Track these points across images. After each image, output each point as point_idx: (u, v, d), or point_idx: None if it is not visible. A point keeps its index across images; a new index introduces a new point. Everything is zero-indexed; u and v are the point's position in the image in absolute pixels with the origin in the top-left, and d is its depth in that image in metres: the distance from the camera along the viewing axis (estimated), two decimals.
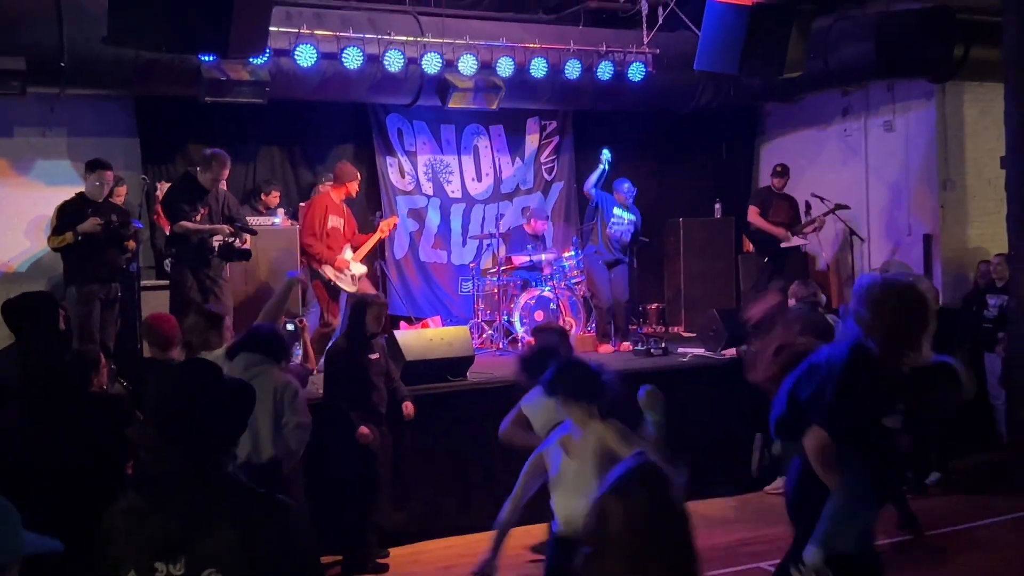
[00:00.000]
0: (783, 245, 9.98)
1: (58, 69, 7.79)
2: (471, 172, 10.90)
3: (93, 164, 7.59)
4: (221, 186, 8.06)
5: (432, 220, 10.63)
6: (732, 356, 8.69)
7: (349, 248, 8.88)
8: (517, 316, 9.51)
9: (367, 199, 10.06)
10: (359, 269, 8.92)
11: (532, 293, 9.59)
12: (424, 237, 10.64)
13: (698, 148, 11.64)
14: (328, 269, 8.69)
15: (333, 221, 8.77)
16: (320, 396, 6.68)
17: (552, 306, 9.68)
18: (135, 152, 9.25)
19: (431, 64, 8.97)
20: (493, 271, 9.95)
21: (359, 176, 9.08)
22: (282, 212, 9.37)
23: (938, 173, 9.95)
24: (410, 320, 9.58)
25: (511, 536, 4.25)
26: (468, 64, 9.08)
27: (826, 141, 11.10)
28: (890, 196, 10.41)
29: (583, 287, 10.04)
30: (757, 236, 10.28)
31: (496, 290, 9.78)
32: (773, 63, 7.70)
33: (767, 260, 10.15)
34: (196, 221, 7.74)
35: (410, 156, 10.57)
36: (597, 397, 4.28)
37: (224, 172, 7.95)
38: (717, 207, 11.45)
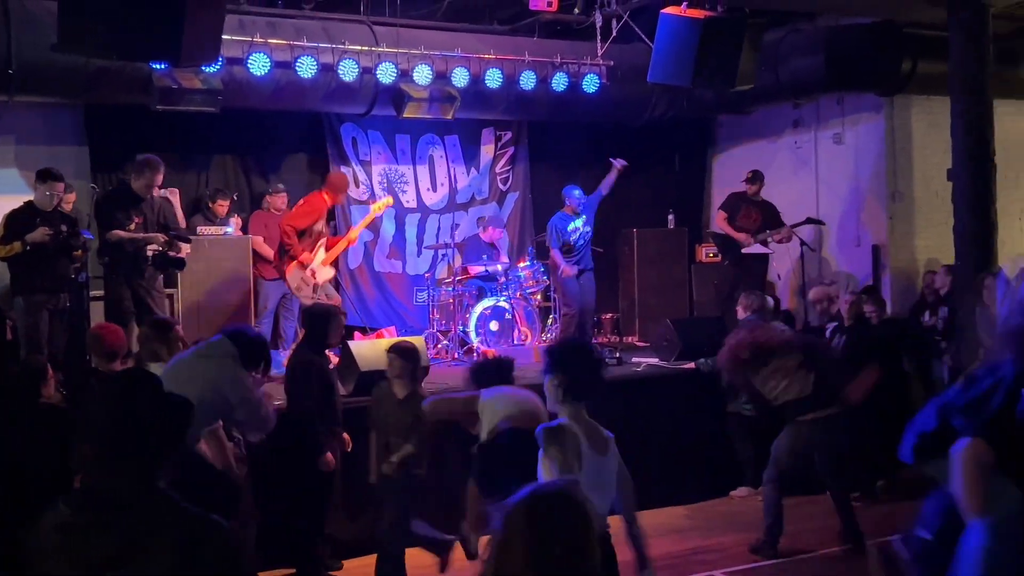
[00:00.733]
0: (744, 251, 10.08)
1: (6, 76, 7.67)
2: (426, 182, 10.89)
3: (44, 174, 7.44)
4: (156, 194, 7.93)
5: (387, 230, 10.60)
6: (686, 367, 8.74)
7: (322, 250, 8.87)
8: (473, 326, 9.51)
9: None
10: (325, 274, 8.88)
11: (488, 303, 9.60)
12: (379, 247, 10.62)
13: (652, 159, 11.72)
14: (292, 279, 8.64)
15: (319, 225, 8.80)
16: (281, 405, 6.60)
17: (507, 316, 9.70)
18: (84, 160, 9.13)
19: (386, 74, 8.96)
20: (448, 281, 9.94)
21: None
22: (235, 221, 9.30)
23: (887, 185, 10.12)
24: (364, 330, 9.53)
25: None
26: (423, 74, 9.08)
27: (777, 153, 11.24)
28: (840, 207, 10.57)
29: (539, 297, 10.06)
30: (719, 241, 10.38)
31: (451, 300, 9.77)
32: (725, 75, 7.77)
33: (727, 264, 10.23)
34: (130, 230, 7.65)
35: (364, 165, 10.55)
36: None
37: (157, 178, 7.76)
38: (671, 218, 11.54)
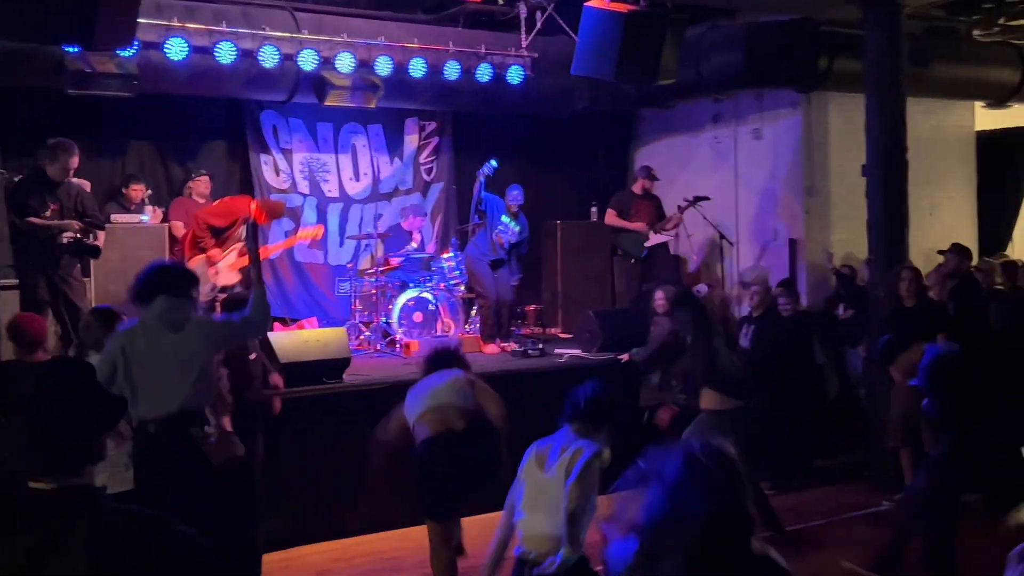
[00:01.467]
0: (647, 244, 10.20)
1: None
2: (349, 171, 10.78)
3: None
4: (73, 180, 7.74)
5: (308, 220, 10.45)
6: (608, 357, 8.82)
7: (234, 254, 8.70)
8: (396, 317, 9.45)
9: None
10: (229, 278, 8.69)
11: (411, 295, 9.56)
12: (310, 241, 10.45)
13: (576, 152, 11.79)
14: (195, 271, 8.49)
15: (238, 231, 8.64)
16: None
17: (431, 307, 9.66)
18: None
19: (307, 61, 8.84)
20: (371, 272, 9.86)
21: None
22: (151, 210, 9.09)
23: (803, 180, 10.32)
24: (285, 321, 9.41)
25: None
26: (345, 62, 8.98)
27: (698, 147, 11.39)
28: (758, 202, 10.75)
29: (462, 288, 10.05)
30: (621, 239, 10.48)
31: (374, 291, 9.70)
32: (647, 70, 7.83)
33: (634, 262, 10.36)
34: (46, 217, 7.45)
35: (286, 154, 10.39)
36: None
37: (72, 161, 7.60)
38: (593, 210, 11.61)
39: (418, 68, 9.42)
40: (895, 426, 7.47)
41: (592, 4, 7.70)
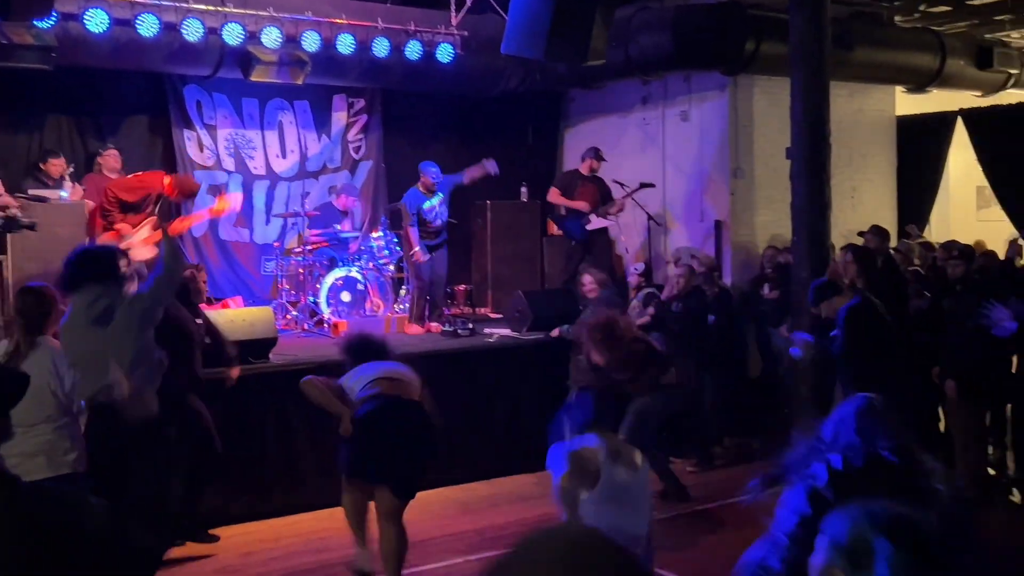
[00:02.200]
0: (588, 227, 10.20)
1: None
2: (275, 148, 10.62)
3: None
4: None
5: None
6: (537, 337, 8.86)
7: (147, 228, 8.49)
8: (324, 297, 9.36)
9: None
10: (143, 254, 8.49)
11: (339, 274, 9.47)
12: (225, 214, 10.28)
13: (505, 132, 11.76)
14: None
15: (149, 207, 8.42)
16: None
17: (360, 287, 9.58)
18: None
19: (232, 35, 8.68)
20: (298, 251, 9.74)
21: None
22: (70, 185, 8.83)
23: (729, 162, 10.45)
24: (210, 300, 9.24)
25: None
26: (272, 37, 8.83)
27: (627, 128, 11.45)
28: (685, 183, 10.86)
29: (391, 268, 9.98)
30: (562, 220, 10.49)
31: (301, 270, 9.58)
32: (577, 49, 7.80)
33: (574, 243, 10.36)
34: None
35: (210, 130, 10.20)
36: None
37: None
38: (523, 190, 11.61)
39: (346, 44, 9.31)
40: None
41: None
